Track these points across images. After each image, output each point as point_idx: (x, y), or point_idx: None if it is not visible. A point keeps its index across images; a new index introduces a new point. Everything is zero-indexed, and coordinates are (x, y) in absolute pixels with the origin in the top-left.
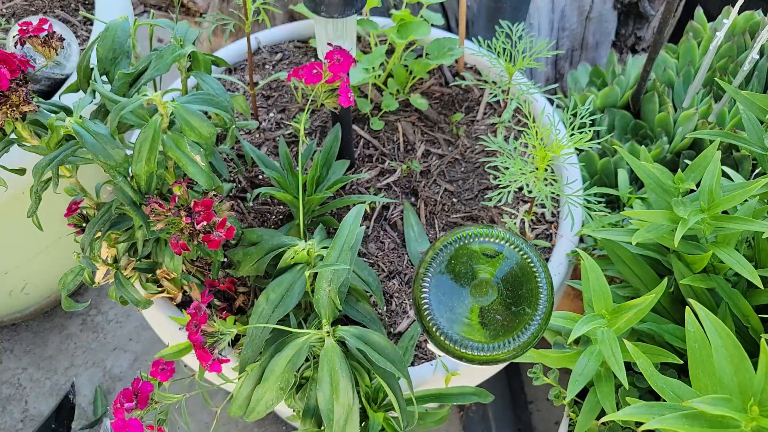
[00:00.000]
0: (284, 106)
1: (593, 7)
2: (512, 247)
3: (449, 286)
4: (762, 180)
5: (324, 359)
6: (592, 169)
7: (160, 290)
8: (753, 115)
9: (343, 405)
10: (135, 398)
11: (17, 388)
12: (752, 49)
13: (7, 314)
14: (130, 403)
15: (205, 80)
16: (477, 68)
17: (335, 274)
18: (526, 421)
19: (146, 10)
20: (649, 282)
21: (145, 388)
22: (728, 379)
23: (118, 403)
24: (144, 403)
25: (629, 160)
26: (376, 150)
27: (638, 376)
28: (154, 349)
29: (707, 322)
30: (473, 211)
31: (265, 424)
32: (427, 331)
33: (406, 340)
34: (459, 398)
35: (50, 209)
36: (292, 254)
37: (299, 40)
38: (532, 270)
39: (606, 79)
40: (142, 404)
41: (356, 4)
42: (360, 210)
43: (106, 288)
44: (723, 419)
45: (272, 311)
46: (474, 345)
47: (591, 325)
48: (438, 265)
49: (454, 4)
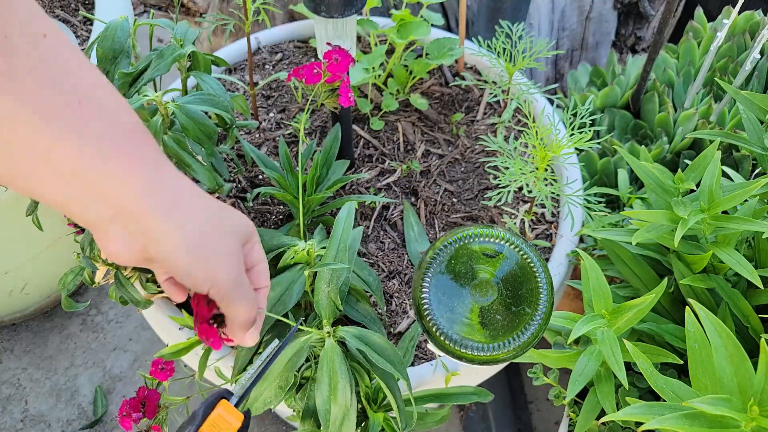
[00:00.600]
0: (284, 106)
1: (593, 7)
2: (512, 247)
3: (449, 286)
4: (762, 180)
5: (324, 359)
6: (592, 169)
7: (160, 290)
8: (753, 115)
9: (341, 406)
10: (142, 408)
11: (17, 388)
12: (752, 49)
13: (7, 314)
14: (137, 413)
15: (205, 80)
16: (477, 68)
17: (334, 273)
18: (526, 421)
19: (146, 10)
20: (649, 282)
21: (152, 396)
22: (728, 379)
23: (123, 411)
24: (153, 413)
25: (629, 160)
26: (376, 150)
27: (638, 376)
28: (153, 349)
29: (707, 322)
30: (473, 211)
31: (265, 424)
32: (427, 331)
33: (407, 341)
34: (459, 398)
35: (50, 209)
36: (292, 254)
37: (299, 40)
38: (532, 270)
39: (606, 79)
40: (151, 414)
41: (356, 4)
42: (351, 207)
43: (106, 288)
44: (723, 419)
45: (270, 309)
46: (474, 345)
47: (591, 325)
48: (438, 265)
49: (454, 4)
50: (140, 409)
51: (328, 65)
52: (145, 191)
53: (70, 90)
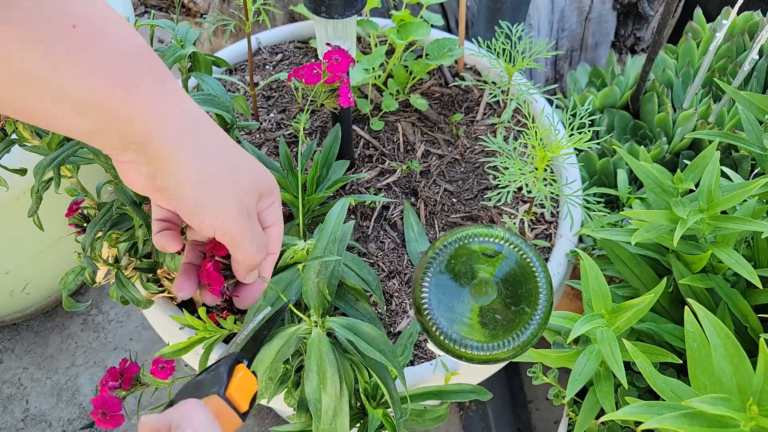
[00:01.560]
0: (284, 106)
1: (592, 7)
2: (512, 246)
3: (449, 286)
4: (761, 180)
5: (311, 349)
6: (591, 169)
7: (161, 290)
8: (752, 115)
9: (331, 395)
10: (120, 378)
11: (18, 387)
12: (751, 50)
13: (8, 314)
14: (114, 382)
15: (206, 81)
16: (477, 69)
17: (323, 265)
18: (525, 421)
19: (147, 11)
20: (649, 282)
21: (131, 369)
22: (727, 378)
23: (104, 380)
24: (128, 384)
25: (628, 160)
26: (376, 150)
27: (637, 375)
28: (154, 348)
29: (706, 322)
30: (473, 211)
31: (266, 423)
32: (426, 331)
33: (405, 338)
34: (457, 395)
35: (51, 209)
36: (292, 254)
37: (300, 40)
38: (532, 270)
39: (605, 80)
40: (126, 384)
41: (356, 4)
42: (345, 202)
43: (107, 288)
44: (722, 419)
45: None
46: (473, 344)
47: (590, 325)
48: (438, 265)
49: (453, 5)
50: (117, 379)
51: (328, 65)
52: (156, 120)
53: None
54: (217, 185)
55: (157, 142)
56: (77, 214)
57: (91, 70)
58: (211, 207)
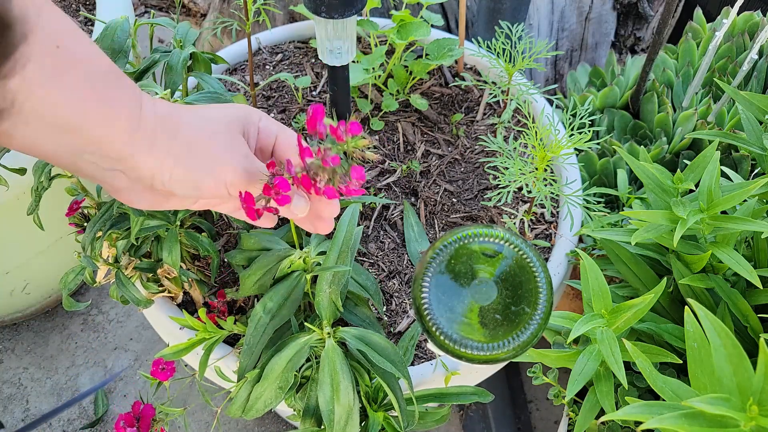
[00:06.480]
0: (285, 106)
1: (592, 7)
2: (512, 247)
3: (449, 286)
4: (761, 180)
5: (325, 360)
6: (591, 169)
7: (161, 290)
8: (752, 115)
9: (344, 406)
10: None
11: (18, 387)
12: (751, 50)
13: (8, 314)
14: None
15: (206, 80)
16: (477, 69)
17: (335, 275)
18: (525, 421)
19: (147, 11)
20: (649, 282)
21: (146, 412)
22: (727, 378)
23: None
24: (146, 428)
25: (628, 161)
26: (376, 150)
27: (637, 375)
28: (154, 348)
29: (706, 322)
30: (473, 211)
31: (266, 423)
32: (426, 331)
33: (407, 340)
34: (458, 398)
35: (51, 209)
36: (288, 264)
37: (300, 40)
38: (532, 270)
39: (605, 80)
40: (144, 429)
41: (356, 4)
42: (355, 209)
43: (107, 287)
44: (722, 419)
45: (269, 320)
46: (473, 344)
47: (590, 325)
48: (438, 265)
49: (453, 5)
50: (134, 425)
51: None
52: (128, 134)
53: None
54: (197, 154)
55: (132, 157)
56: (77, 214)
57: (64, 92)
58: (206, 175)
